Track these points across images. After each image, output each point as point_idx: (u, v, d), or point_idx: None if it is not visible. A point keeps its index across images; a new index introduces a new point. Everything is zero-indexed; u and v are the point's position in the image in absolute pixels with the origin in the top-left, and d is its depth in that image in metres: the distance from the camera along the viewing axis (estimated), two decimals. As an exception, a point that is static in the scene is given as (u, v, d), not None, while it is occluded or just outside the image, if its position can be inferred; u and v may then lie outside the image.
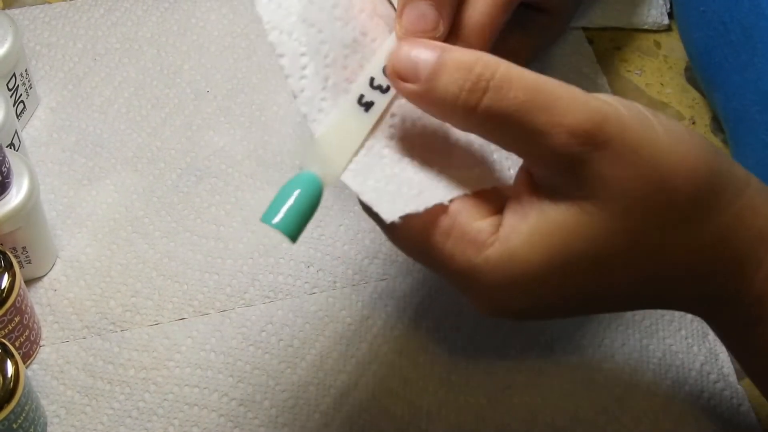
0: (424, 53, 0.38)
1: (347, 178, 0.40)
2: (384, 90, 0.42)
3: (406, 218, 0.39)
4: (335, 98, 0.41)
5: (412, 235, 0.40)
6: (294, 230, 0.38)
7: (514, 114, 0.37)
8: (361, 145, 0.41)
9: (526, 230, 0.38)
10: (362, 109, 0.41)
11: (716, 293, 0.41)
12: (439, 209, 0.40)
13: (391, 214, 0.39)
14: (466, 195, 0.41)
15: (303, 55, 0.41)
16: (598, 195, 0.37)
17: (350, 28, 0.42)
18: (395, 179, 0.41)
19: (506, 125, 0.37)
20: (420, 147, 0.42)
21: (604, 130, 0.37)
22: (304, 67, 0.41)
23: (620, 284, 0.40)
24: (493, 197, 0.41)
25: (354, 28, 0.42)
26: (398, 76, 0.39)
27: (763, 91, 0.54)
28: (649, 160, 0.37)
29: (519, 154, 0.39)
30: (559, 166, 0.38)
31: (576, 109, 0.37)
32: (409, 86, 0.39)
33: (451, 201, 0.40)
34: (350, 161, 0.41)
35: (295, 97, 0.40)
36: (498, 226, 0.39)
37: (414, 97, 0.39)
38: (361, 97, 0.41)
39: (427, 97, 0.39)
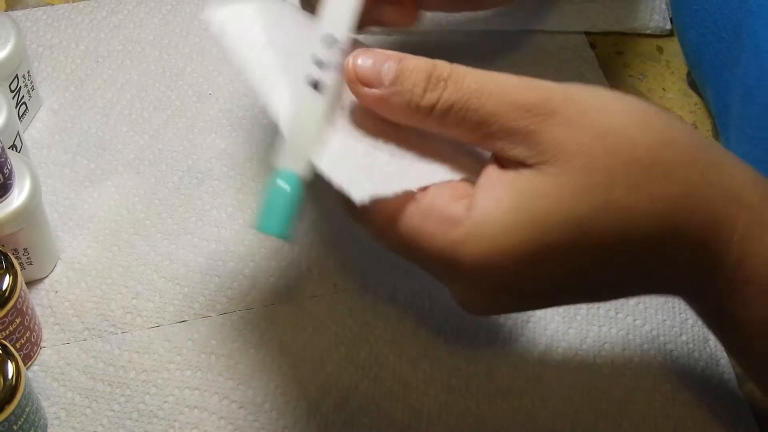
0: (385, 61, 0.42)
1: (321, 164, 0.41)
2: (323, 66, 0.42)
3: (381, 204, 0.40)
4: (294, 84, 0.42)
5: (388, 220, 0.41)
6: (289, 233, 0.41)
7: (470, 100, 0.41)
8: (325, 126, 0.42)
9: (494, 198, 0.40)
10: (312, 89, 0.42)
11: (697, 260, 0.41)
12: (411, 196, 0.41)
13: (361, 195, 0.40)
14: (443, 182, 0.42)
15: (264, 48, 0.43)
16: (557, 157, 0.40)
17: (312, 21, 0.44)
18: (368, 166, 0.42)
19: (464, 113, 0.41)
20: (395, 137, 0.43)
21: (550, 102, 0.40)
22: (261, 60, 0.42)
23: (598, 250, 0.41)
24: (470, 184, 0.42)
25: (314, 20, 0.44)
26: (361, 81, 0.42)
27: (747, 85, 0.55)
28: (600, 119, 0.41)
29: (478, 139, 0.42)
30: (515, 139, 0.41)
31: (523, 89, 0.41)
32: (373, 91, 0.42)
33: (423, 189, 0.41)
34: (317, 144, 0.41)
35: (256, 91, 0.42)
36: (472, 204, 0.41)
37: (377, 101, 0.42)
38: (308, 76, 0.42)
39: (392, 100, 0.42)
